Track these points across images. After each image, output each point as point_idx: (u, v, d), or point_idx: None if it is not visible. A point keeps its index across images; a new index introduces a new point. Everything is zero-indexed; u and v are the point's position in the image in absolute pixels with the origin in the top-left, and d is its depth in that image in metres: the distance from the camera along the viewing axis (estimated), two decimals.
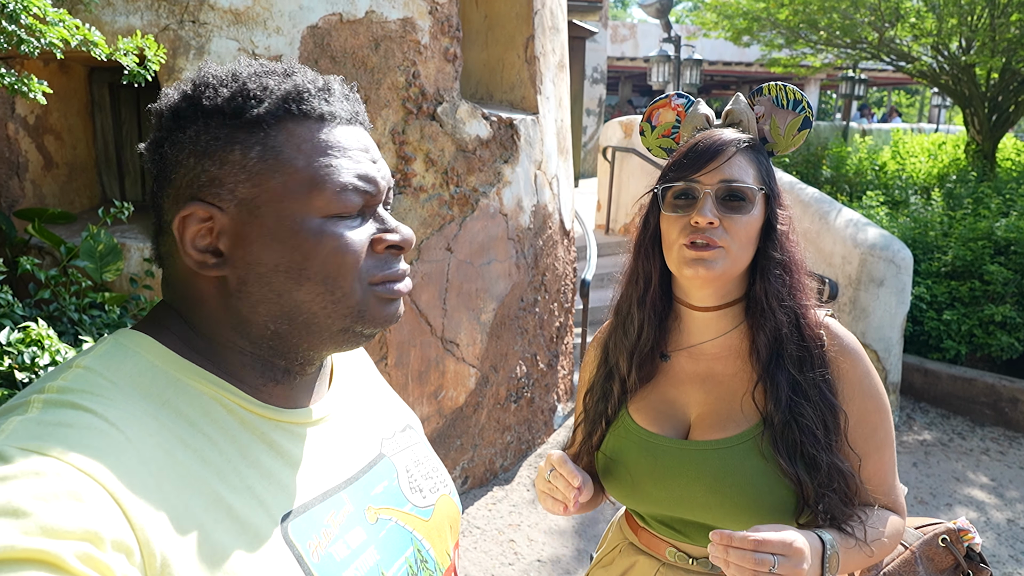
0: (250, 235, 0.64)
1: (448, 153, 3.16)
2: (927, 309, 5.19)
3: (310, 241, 0.65)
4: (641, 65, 18.09)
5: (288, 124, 0.65)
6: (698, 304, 1.16)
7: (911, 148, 9.08)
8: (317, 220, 0.65)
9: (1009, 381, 4.72)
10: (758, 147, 1.15)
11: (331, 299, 0.66)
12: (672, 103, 1.25)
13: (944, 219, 5.85)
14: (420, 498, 0.79)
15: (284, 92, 0.66)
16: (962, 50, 7.34)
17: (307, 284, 0.65)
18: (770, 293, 1.11)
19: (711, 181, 1.08)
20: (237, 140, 0.64)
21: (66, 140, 3.20)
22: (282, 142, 0.65)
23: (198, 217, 0.64)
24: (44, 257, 2.82)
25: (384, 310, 0.70)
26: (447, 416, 3.42)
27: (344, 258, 0.66)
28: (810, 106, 1.17)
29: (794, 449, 1.05)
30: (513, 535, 3.29)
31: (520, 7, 3.62)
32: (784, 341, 1.10)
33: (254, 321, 0.66)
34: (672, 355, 1.21)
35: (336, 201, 0.66)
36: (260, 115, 0.64)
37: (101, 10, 2.61)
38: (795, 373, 1.08)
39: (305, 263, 0.65)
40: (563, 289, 4.09)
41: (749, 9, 8.34)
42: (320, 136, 0.66)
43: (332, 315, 0.67)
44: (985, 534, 3.43)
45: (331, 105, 0.68)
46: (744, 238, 1.08)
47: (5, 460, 0.50)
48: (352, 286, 0.67)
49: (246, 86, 0.65)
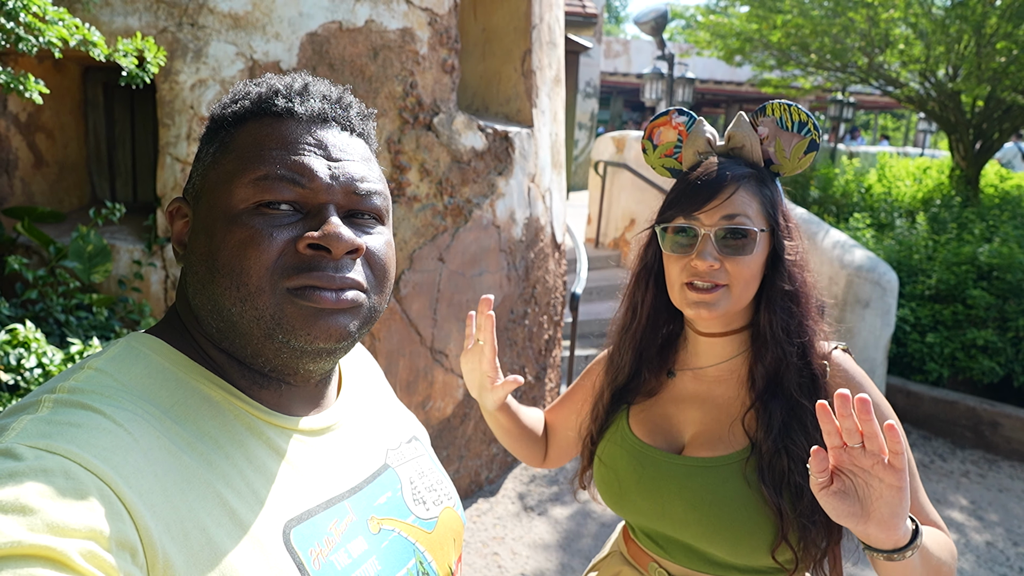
0: (196, 226, 0.68)
1: (443, 164, 3.17)
2: (911, 331, 5.25)
3: (223, 230, 0.63)
4: (634, 81, 18.23)
5: (249, 123, 0.67)
6: (704, 331, 1.17)
7: (897, 172, 9.21)
8: (237, 210, 0.63)
9: (990, 405, 4.77)
10: (762, 176, 1.11)
11: (238, 296, 0.62)
12: (673, 121, 1.20)
13: (929, 243, 5.93)
14: (424, 510, 0.79)
15: (255, 95, 0.68)
16: (949, 77, 7.47)
17: (217, 277, 0.63)
18: (776, 324, 1.09)
19: (710, 221, 1.06)
20: (208, 141, 0.70)
21: (58, 139, 3.17)
22: (235, 138, 0.67)
23: (180, 213, 0.71)
24: (32, 256, 2.79)
25: (308, 322, 0.62)
26: (434, 427, 3.41)
27: (248, 250, 0.61)
28: (816, 127, 1.11)
29: (781, 478, 1.04)
30: (497, 548, 3.28)
31: (518, 21, 3.64)
32: (785, 371, 1.09)
33: (200, 316, 0.68)
34: (678, 373, 1.22)
35: (254, 188, 0.63)
36: (226, 115, 0.69)
37: (100, 10, 2.60)
38: (797, 401, 1.07)
39: (216, 253, 0.63)
40: (553, 302, 4.10)
41: (742, 30, 8.44)
42: (267, 130, 0.66)
43: (244, 316, 0.62)
44: (965, 556, 3.46)
45: (294, 104, 0.67)
46: (747, 276, 1.07)
47: (14, 457, 0.51)
48: (259, 285, 0.62)
49: (235, 94, 0.70)
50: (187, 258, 0.68)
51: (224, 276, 0.62)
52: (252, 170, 0.64)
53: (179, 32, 2.69)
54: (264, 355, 0.65)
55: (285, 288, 0.62)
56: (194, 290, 0.67)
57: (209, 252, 0.63)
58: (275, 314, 0.62)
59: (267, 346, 0.64)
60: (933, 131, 16.30)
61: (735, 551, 1.06)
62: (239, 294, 0.62)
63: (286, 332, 0.63)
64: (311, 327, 0.63)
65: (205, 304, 0.66)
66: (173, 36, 2.68)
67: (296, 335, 0.63)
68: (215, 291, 0.63)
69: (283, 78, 0.71)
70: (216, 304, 0.64)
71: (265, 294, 0.62)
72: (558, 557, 3.26)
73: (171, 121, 2.74)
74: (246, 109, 0.68)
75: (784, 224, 1.12)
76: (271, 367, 0.67)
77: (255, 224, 0.62)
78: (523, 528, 3.45)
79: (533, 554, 3.26)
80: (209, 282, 0.64)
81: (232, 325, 0.64)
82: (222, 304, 0.64)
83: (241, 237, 0.62)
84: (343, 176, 0.66)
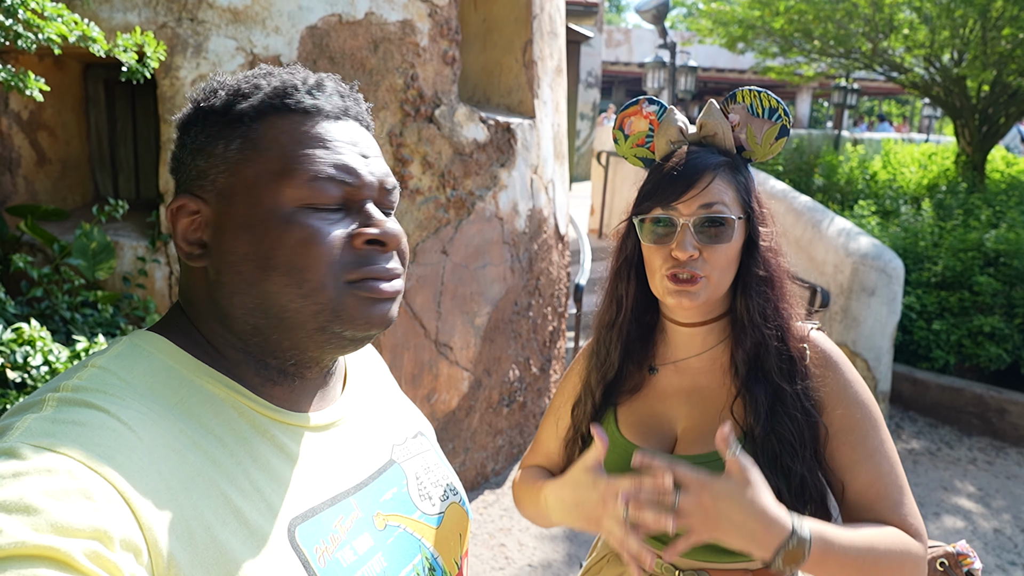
0: (226, 224, 0.66)
1: (445, 156, 3.16)
2: (917, 319, 5.23)
3: (277, 230, 0.64)
4: (635, 70, 18.15)
5: (271, 117, 0.67)
6: (683, 320, 1.16)
7: (902, 158, 9.16)
8: (288, 209, 0.64)
9: (997, 392, 4.76)
10: (736, 163, 1.12)
11: (299, 292, 0.64)
12: (643, 110, 1.18)
13: (934, 229, 5.90)
14: (429, 506, 0.79)
15: (271, 88, 0.68)
16: (954, 62, 7.41)
17: (273, 275, 0.64)
18: (752, 309, 1.10)
19: (688, 211, 1.06)
20: (222, 135, 0.67)
21: (60, 136, 3.17)
22: (262, 134, 0.66)
23: (188, 210, 0.67)
24: (36, 254, 2.80)
25: (366, 311, 0.66)
26: (439, 419, 3.42)
27: (311, 249, 0.64)
28: (787, 113, 1.11)
29: (774, 461, 1.04)
30: (504, 539, 3.29)
31: (519, 11, 3.62)
32: (765, 355, 1.09)
33: (233, 314, 0.67)
34: (660, 368, 1.21)
35: (307, 189, 0.65)
36: (243, 110, 0.67)
37: (99, 6, 2.60)
38: (778, 385, 1.08)
39: (272, 252, 0.64)
40: (557, 293, 4.10)
41: (744, 17, 8.39)
42: (301, 128, 0.67)
43: (303, 311, 0.65)
44: (972, 543, 3.46)
45: (319, 100, 0.69)
46: (725, 263, 1.08)
47: (18, 457, 0.51)
48: (322, 281, 0.64)
49: (239, 86, 0.68)
50: (216, 257, 0.66)
51: (283, 274, 0.64)
52: (301, 171, 0.65)
53: (179, 27, 2.68)
54: (304, 347, 0.67)
55: (345, 282, 0.65)
56: (231, 289, 0.66)
57: (260, 252, 0.64)
58: (335, 307, 0.65)
59: (315, 338, 0.66)
60: (938, 117, 16.20)
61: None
62: (300, 291, 0.64)
63: (343, 323, 0.66)
64: (368, 316, 0.67)
65: (246, 302, 0.65)
66: (173, 31, 2.67)
67: (354, 324, 0.66)
68: (269, 289, 0.64)
69: (292, 71, 0.71)
70: (267, 301, 0.65)
71: (327, 289, 0.64)
72: (565, 548, 3.27)
73: (172, 117, 2.73)
74: (265, 104, 0.67)
75: (759, 210, 1.13)
76: (298, 360, 0.69)
77: (312, 224, 0.64)
78: None
79: (540, 545, 3.27)
80: (260, 280, 0.64)
81: (280, 321, 0.65)
82: (276, 301, 0.65)
83: (300, 237, 0.64)
84: (378, 172, 0.70)
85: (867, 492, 1.07)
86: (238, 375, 0.68)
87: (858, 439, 1.08)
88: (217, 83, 0.70)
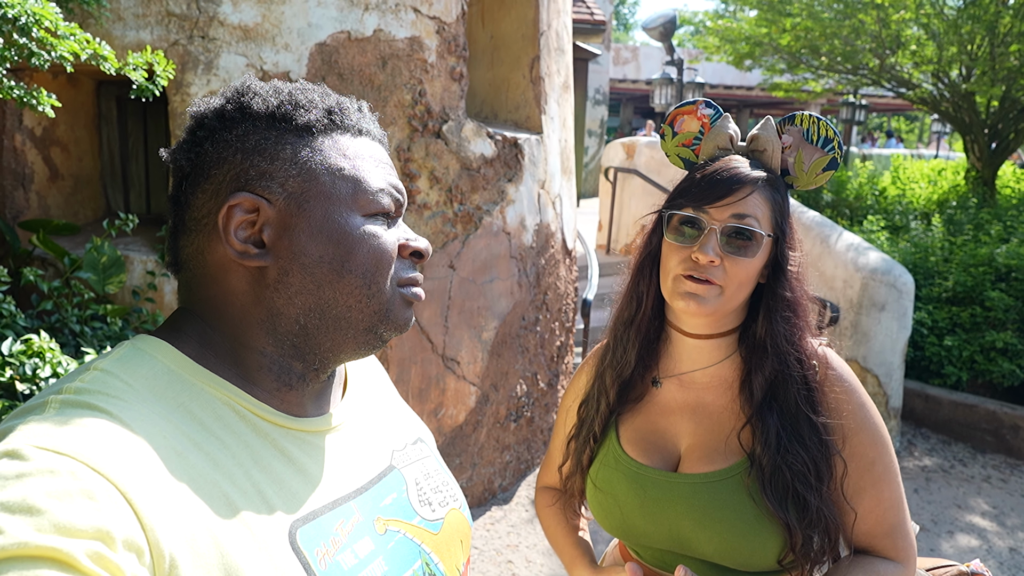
0: (297, 227, 0.68)
1: (452, 171, 3.17)
2: (928, 334, 5.19)
3: (353, 237, 0.70)
4: (643, 87, 18.25)
5: (333, 133, 0.73)
6: (691, 331, 1.14)
7: (911, 174, 9.13)
8: (359, 219, 0.71)
9: (1011, 408, 4.70)
10: (777, 183, 1.10)
11: (366, 294, 0.70)
12: (699, 112, 1.16)
13: (945, 245, 5.86)
14: (429, 511, 0.79)
15: (327, 105, 0.74)
16: (962, 78, 7.41)
17: (348, 277, 0.69)
18: (777, 334, 1.08)
19: (720, 217, 1.04)
20: (288, 141, 0.70)
21: (72, 152, 3.21)
22: (328, 147, 0.72)
23: (244, 208, 0.68)
24: (47, 268, 2.83)
25: (404, 313, 0.75)
26: (446, 434, 3.40)
27: (382, 256, 0.71)
28: (841, 146, 1.09)
29: (784, 492, 1.02)
30: (511, 556, 3.26)
31: (526, 28, 3.66)
32: (785, 382, 1.07)
33: (286, 314, 0.69)
34: (663, 382, 1.18)
35: (375, 201, 0.72)
36: (310, 121, 0.71)
37: (112, 24, 2.64)
38: (795, 414, 1.06)
39: (348, 257, 0.69)
40: (564, 308, 4.09)
41: (751, 34, 8.43)
42: (359, 147, 0.74)
43: (363, 311, 0.71)
44: (987, 562, 3.40)
45: (364, 123, 0.77)
46: (743, 279, 1.06)
47: (21, 458, 0.51)
48: (385, 284, 0.72)
49: (293, 96, 0.72)
50: (284, 258, 0.68)
51: (356, 277, 0.70)
52: (369, 184, 0.72)
53: (190, 45, 2.72)
54: (341, 348, 0.72)
55: (398, 285, 0.73)
56: (297, 290, 0.69)
57: (337, 255, 0.69)
58: (388, 309, 0.72)
59: (358, 338, 0.72)
60: (948, 132, 16.17)
61: (748, 562, 1.05)
62: (368, 291, 0.71)
63: (388, 323, 0.73)
64: (406, 318, 0.75)
65: (308, 302, 0.69)
66: (184, 49, 2.71)
67: (396, 325, 0.74)
68: (340, 290, 0.69)
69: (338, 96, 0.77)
70: (332, 302, 0.69)
71: (385, 292, 0.72)
72: None
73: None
74: (325, 119, 0.73)
75: (790, 234, 1.11)
76: (323, 362, 0.72)
77: (379, 232, 0.72)
78: (537, 535, 3.43)
79: (547, 561, 3.24)
80: (333, 282, 0.69)
81: (336, 321, 0.70)
82: (343, 302, 0.70)
83: (373, 244, 0.71)
84: (404, 193, 0.78)
85: (866, 518, 1.07)
86: (251, 379, 0.69)
87: (865, 465, 1.07)
88: (256, 86, 0.72)
